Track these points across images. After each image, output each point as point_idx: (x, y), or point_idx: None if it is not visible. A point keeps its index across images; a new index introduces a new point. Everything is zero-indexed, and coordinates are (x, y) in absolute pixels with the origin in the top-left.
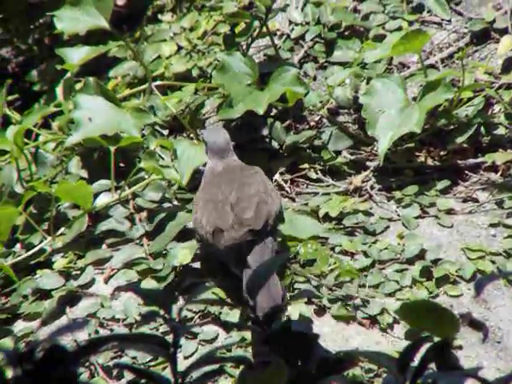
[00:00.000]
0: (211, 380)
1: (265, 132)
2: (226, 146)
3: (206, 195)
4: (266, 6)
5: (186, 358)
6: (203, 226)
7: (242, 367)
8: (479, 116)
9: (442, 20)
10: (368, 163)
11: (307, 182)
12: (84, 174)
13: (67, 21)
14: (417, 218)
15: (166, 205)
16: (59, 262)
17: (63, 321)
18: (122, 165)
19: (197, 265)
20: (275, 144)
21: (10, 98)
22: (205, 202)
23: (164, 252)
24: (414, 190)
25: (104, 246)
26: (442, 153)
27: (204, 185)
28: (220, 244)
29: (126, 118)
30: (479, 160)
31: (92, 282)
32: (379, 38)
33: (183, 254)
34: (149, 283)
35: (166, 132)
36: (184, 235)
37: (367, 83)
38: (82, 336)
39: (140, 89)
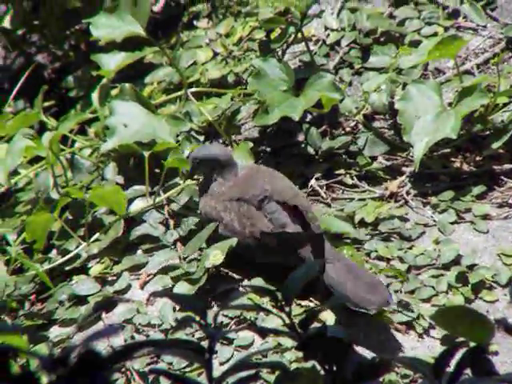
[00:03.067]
0: None
1: (300, 138)
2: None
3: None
4: (301, 12)
5: (221, 363)
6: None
7: (277, 373)
8: None
9: (478, 26)
10: (403, 169)
11: (343, 187)
12: (120, 179)
13: (103, 28)
14: (452, 223)
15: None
16: (95, 267)
17: (99, 326)
18: (156, 170)
19: (229, 270)
20: (311, 150)
21: (46, 104)
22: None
23: (198, 256)
24: (449, 195)
25: (139, 252)
26: (477, 158)
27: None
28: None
29: (162, 125)
30: None
31: (128, 287)
32: (415, 44)
33: (215, 254)
34: (183, 286)
35: (201, 138)
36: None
37: (403, 89)
38: (118, 342)
39: (176, 95)
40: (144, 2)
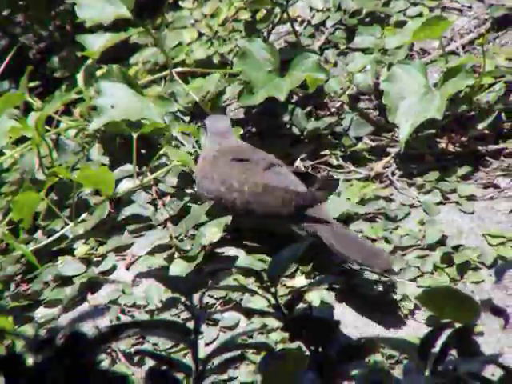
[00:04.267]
0: (232, 366)
1: (286, 118)
2: (226, 130)
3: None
4: None
5: (207, 344)
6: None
7: (263, 353)
8: (500, 102)
9: (463, 6)
10: (389, 149)
11: (328, 168)
12: (105, 160)
13: (88, 9)
14: (438, 204)
15: (189, 190)
16: (81, 248)
17: (84, 307)
18: (143, 151)
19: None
20: (296, 130)
21: (31, 84)
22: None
23: (190, 234)
24: (434, 176)
25: (126, 233)
26: (462, 139)
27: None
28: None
29: (149, 106)
30: (500, 146)
31: (113, 268)
32: (400, 24)
33: (212, 232)
34: (178, 264)
35: (187, 118)
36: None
37: (388, 69)
38: (104, 323)
39: (161, 75)
40: None
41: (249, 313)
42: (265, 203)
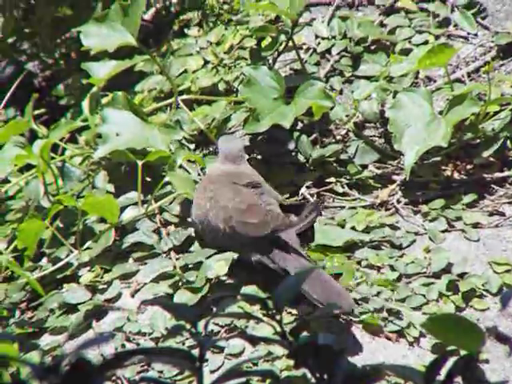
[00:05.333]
0: None
1: (291, 146)
2: (237, 153)
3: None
4: (292, 20)
5: (212, 371)
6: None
7: (268, 381)
8: (506, 130)
9: (469, 34)
10: (394, 177)
11: (333, 195)
12: (110, 188)
13: (93, 37)
14: (443, 231)
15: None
16: (86, 276)
17: (89, 335)
18: (148, 179)
19: (230, 279)
20: (301, 158)
21: (37, 112)
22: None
23: (196, 265)
24: (440, 203)
25: (131, 260)
26: (468, 167)
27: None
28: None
29: (154, 134)
30: (505, 174)
31: (119, 296)
32: (405, 52)
33: (219, 265)
34: (183, 295)
35: (192, 146)
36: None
37: (393, 97)
38: (109, 350)
39: (166, 103)
40: (135, 10)
41: (254, 340)
42: (245, 221)
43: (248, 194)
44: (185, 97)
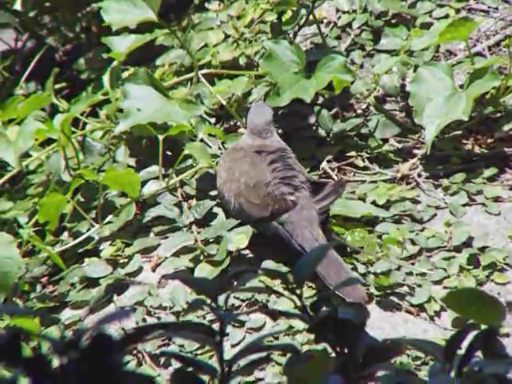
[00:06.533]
0: (258, 368)
1: (312, 120)
2: (263, 127)
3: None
4: None
5: (232, 346)
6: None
7: (288, 355)
8: None
9: (489, 8)
10: (415, 151)
11: (354, 169)
12: (131, 162)
13: (114, 13)
14: (464, 205)
15: (214, 192)
16: (107, 250)
17: (110, 309)
18: (168, 153)
19: (251, 253)
20: (322, 132)
21: (58, 86)
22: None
23: (216, 238)
24: (461, 177)
25: (152, 234)
26: (489, 140)
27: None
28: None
29: (175, 109)
30: None
31: (139, 270)
32: (426, 26)
33: (239, 238)
34: (204, 268)
35: (212, 120)
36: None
37: (414, 71)
38: (130, 324)
39: (187, 77)
40: None
41: (274, 314)
42: (250, 200)
43: (260, 169)
44: (205, 71)
